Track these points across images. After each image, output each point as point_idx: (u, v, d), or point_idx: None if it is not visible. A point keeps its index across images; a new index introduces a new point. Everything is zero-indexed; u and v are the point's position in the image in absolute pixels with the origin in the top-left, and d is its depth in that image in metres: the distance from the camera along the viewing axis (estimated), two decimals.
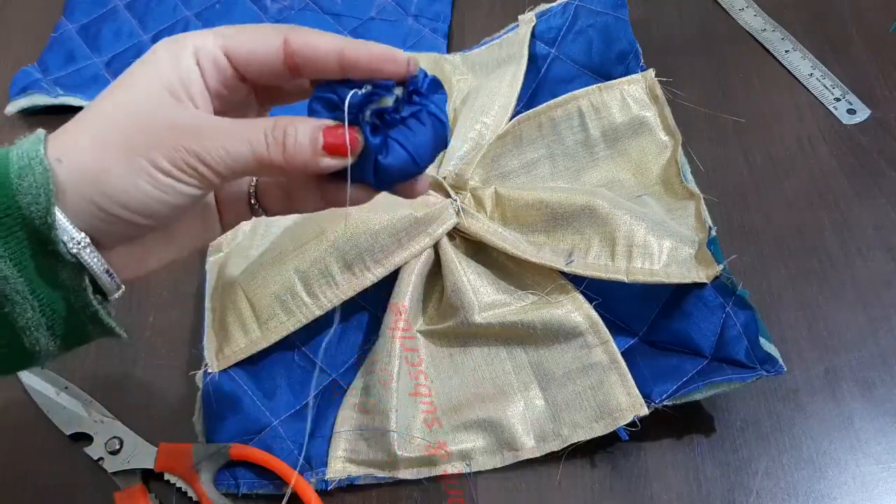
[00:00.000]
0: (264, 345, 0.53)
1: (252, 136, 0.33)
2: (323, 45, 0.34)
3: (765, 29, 0.71)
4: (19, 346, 0.33)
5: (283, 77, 0.35)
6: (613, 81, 0.60)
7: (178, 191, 0.33)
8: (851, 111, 0.65)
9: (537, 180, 0.59)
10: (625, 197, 0.56)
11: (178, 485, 0.50)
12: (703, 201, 0.55)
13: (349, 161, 0.33)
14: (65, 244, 0.32)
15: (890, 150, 0.62)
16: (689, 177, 0.57)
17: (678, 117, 0.59)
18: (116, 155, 0.32)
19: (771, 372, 0.48)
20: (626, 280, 0.51)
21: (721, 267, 0.51)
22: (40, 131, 0.33)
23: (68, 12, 0.76)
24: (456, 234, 0.55)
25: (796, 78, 0.67)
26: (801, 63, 0.68)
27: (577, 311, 0.51)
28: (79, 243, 0.32)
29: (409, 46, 0.72)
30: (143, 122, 0.32)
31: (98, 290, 0.34)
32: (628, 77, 0.60)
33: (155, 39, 0.74)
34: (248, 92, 0.37)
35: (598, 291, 0.52)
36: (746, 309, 0.50)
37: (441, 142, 0.36)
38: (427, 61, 0.66)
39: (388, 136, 0.34)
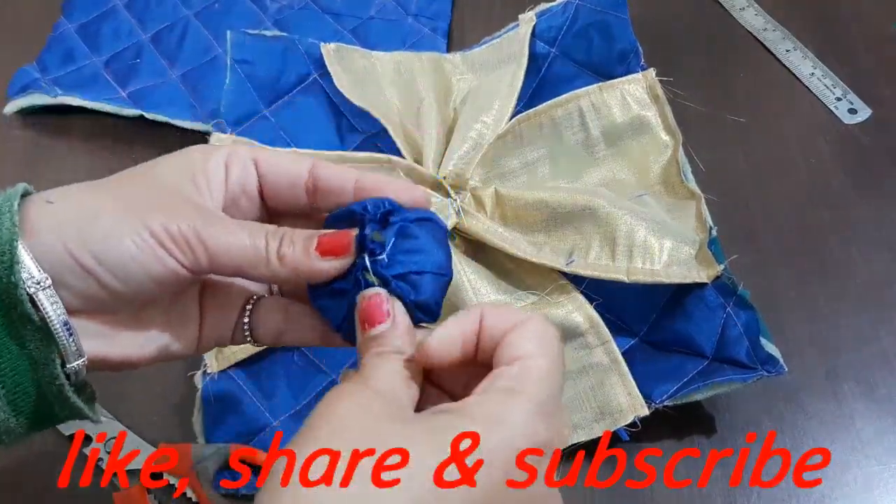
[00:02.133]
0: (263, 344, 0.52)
1: (253, 230, 0.33)
2: (342, 177, 0.35)
3: (765, 28, 0.71)
4: None
5: (299, 199, 0.36)
6: (614, 81, 0.60)
7: (159, 258, 0.31)
8: (852, 111, 0.65)
9: (537, 180, 0.59)
10: (625, 197, 0.56)
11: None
12: (703, 201, 0.55)
13: (343, 262, 0.33)
14: (23, 282, 0.29)
15: (891, 150, 0.62)
16: (690, 176, 0.57)
17: (678, 117, 0.59)
18: (112, 204, 0.31)
19: (772, 372, 0.47)
20: (626, 280, 0.50)
21: (722, 267, 0.50)
22: (21, 185, 0.32)
23: (67, 12, 0.76)
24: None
25: (797, 77, 0.67)
26: (802, 63, 0.68)
27: (577, 311, 0.51)
28: (38, 283, 0.30)
29: (408, 46, 0.71)
30: (153, 189, 0.32)
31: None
32: (629, 76, 0.60)
33: (154, 39, 0.74)
34: (260, 214, 0.37)
35: (599, 291, 0.52)
36: (747, 309, 0.50)
37: (442, 234, 0.34)
38: (426, 61, 0.66)
39: (399, 277, 0.32)
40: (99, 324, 0.33)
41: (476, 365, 0.31)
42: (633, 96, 0.59)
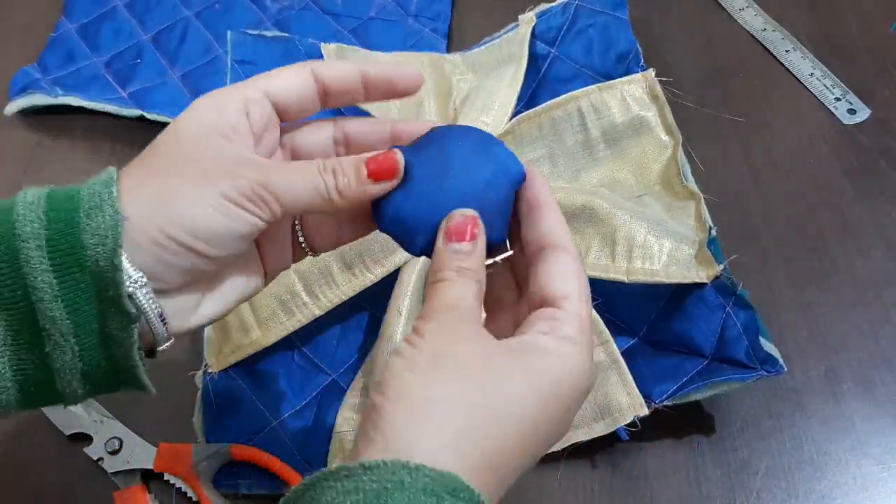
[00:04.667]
0: (264, 344, 0.52)
1: (308, 171, 0.34)
2: (346, 68, 0.37)
3: (765, 29, 0.71)
4: (49, 386, 0.33)
5: (315, 106, 0.37)
6: (614, 81, 0.60)
7: (243, 219, 0.33)
8: (852, 111, 0.65)
9: None
10: (625, 197, 0.56)
11: (177, 485, 0.49)
12: (703, 201, 0.55)
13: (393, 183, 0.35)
14: (121, 285, 0.31)
15: (890, 150, 0.62)
16: (690, 176, 0.57)
17: (678, 117, 0.59)
18: (180, 181, 0.33)
19: (771, 372, 0.48)
20: (626, 280, 0.50)
21: (721, 267, 0.50)
22: (111, 170, 0.33)
23: (68, 12, 0.76)
24: None
25: (796, 78, 0.67)
26: (802, 63, 0.68)
27: None
28: (135, 282, 0.32)
29: (408, 46, 0.71)
30: (201, 156, 0.33)
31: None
32: (628, 77, 0.60)
33: (155, 39, 0.74)
34: (278, 135, 0.38)
35: (599, 292, 0.52)
36: (747, 309, 0.50)
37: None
38: (427, 61, 0.66)
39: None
40: (184, 298, 0.34)
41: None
42: (633, 96, 0.59)
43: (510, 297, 0.37)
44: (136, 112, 0.66)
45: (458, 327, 0.31)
